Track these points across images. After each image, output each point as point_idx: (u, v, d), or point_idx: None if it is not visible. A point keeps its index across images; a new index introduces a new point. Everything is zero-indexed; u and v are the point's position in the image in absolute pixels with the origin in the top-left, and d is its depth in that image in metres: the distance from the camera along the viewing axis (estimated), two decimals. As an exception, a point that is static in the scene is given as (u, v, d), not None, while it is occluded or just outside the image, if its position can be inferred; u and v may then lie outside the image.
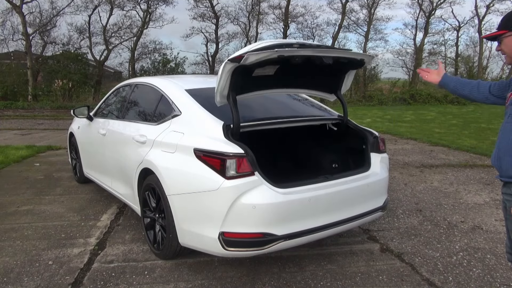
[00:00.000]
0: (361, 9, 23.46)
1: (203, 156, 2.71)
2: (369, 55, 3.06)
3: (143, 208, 3.40)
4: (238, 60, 2.56)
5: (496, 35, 1.98)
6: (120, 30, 21.71)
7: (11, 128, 11.24)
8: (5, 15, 19.79)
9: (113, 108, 4.55)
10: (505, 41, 1.96)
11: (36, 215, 4.20)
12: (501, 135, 1.99)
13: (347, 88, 3.45)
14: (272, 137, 3.87)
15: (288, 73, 3.06)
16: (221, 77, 2.71)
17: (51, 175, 5.88)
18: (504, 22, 1.96)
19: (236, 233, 2.60)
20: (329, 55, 2.74)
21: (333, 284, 2.87)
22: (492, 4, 22.61)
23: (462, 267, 3.12)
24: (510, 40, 1.94)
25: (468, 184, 5.45)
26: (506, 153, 1.95)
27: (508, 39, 1.94)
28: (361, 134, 3.37)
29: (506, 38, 1.95)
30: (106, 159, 4.20)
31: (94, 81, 20.38)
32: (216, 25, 22.70)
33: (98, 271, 3.03)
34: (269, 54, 2.52)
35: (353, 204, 2.99)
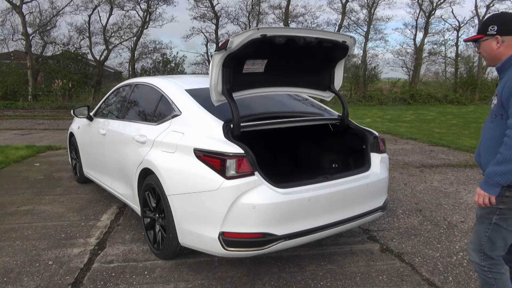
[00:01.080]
0: (361, 9, 23.47)
1: (203, 156, 2.71)
2: (350, 36, 3.09)
3: (143, 208, 3.40)
4: (224, 47, 2.64)
5: (476, 39, 2.10)
6: (120, 30, 21.73)
7: (11, 128, 11.24)
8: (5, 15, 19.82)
9: (113, 108, 4.55)
10: (482, 45, 2.09)
11: (36, 215, 4.20)
12: (482, 134, 2.12)
13: (339, 83, 3.46)
14: (272, 137, 3.88)
15: (278, 70, 3.09)
16: (212, 71, 2.78)
17: (51, 175, 5.88)
18: (481, 27, 2.08)
19: (236, 233, 2.60)
20: (310, 35, 2.82)
21: (333, 284, 2.87)
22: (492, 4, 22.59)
23: (462, 267, 3.12)
24: (486, 44, 2.06)
25: (468, 184, 5.45)
26: (484, 150, 2.08)
27: (485, 43, 2.07)
28: (361, 134, 3.37)
29: (483, 42, 2.08)
30: (106, 159, 4.20)
31: (94, 81, 20.39)
32: (216, 25, 22.70)
33: (98, 271, 3.03)
34: (252, 33, 2.61)
35: (353, 204, 2.99)
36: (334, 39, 2.98)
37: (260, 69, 3.01)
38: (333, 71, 3.39)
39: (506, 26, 2.01)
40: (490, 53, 2.07)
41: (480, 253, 2.12)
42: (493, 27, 2.02)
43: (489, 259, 2.10)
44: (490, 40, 2.04)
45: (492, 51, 2.05)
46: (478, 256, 2.13)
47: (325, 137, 3.77)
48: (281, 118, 3.22)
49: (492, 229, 2.05)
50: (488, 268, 2.10)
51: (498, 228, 2.04)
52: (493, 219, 2.04)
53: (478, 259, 2.13)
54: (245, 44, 2.63)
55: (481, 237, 2.10)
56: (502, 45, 2.01)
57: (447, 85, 24.32)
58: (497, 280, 2.10)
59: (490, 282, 2.11)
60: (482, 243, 2.10)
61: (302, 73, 3.31)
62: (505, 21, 2.02)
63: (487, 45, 2.06)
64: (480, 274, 2.16)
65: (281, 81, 3.28)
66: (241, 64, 2.89)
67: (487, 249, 2.09)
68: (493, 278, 2.10)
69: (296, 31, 2.84)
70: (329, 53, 3.14)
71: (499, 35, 2.01)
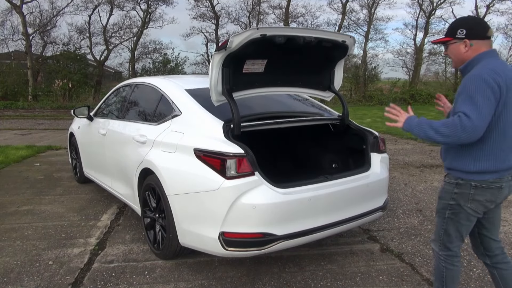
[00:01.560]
0: (361, 9, 23.49)
1: (203, 156, 2.71)
2: (350, 36, 3.09)
3: (143, 208, 3.40)
4: (224, 46, 2.64)
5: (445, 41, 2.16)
6: (120, 30, 21.76)
7: (11, 128, 11.24)
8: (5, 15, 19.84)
9: (113, 108, 4.55)
10: (450, 47, 2.15)
11: (36, 215, 4.21)
12: None
13: (339, 83, 3.46)
14: (272, 137, 3.88)
15: (278, 70, 3.10)
16: (212, 71, 2.78)
17: (51, 175, 5.88)
18: (450, 30, 2.14)
19: (236, 233, 2.60)
20: (310, 35, 2.82)
21: (333, 284, 2.87)
22: (492, 4, 22.60)
23: (462, 267, 3.11)
24: (454, 47, 2.13)
25: (468, 184, 5.44)
26: (445, 149, 2.22)
27: (452, 46, 2.13)
28: (361, 134, 3.37)
29: (451, 45, 2.14)
30: (106, 159, 4.20)
31: (94, 81, 20.40)
32: (216, 25, 22.71)
33: (98, 271, 3.03)
34: (252, 33, 2.61)
35: (353, 204, 2.99)
36: (333, 39, 2.99)
37: (260, 69, 3.01)
38: (333, 71, 3.39)
39: (475, 31, 2.07)
40: (457, 56, 2.14)
41: (439, 244, 2.27)
42: (462, 31, 2.08)
43: (447, 250, 2.24)
44: (459, 43, 2.10)
45: (460, 54, 2.12)
46: (438, 246, 2.28)
47: (325, 137, 3.77)
48: (281, 118, 3.22)
49: (446, 222, 2.20)
50: (443, 258, 2.26)
51: (451, 221, 2.18)
52: (447, 214, 2.19)
53: (437, 248, 2.28)
54: (245, 44, 2.64)
55: (439, 230, 2.25)
56: (470, 48, 2.08)
57: (447, 85, 24.31)
58: (448, 271, 2.25)
59: (442, 270, 2.27)
60: (440, 234, 2.25)
61: (302, 73, 3.31)
62: (474, 26, 2.09)
63: (455, 48, 2.12)
64: (435, 260, 2.31)
65: (281, 81, 3.28)
66: (241, 64, 2.89)
67: (445, 241, 2.23)
68: (445, 267, 2.26)
69: (296, 30, 2.84)
70: (329, 53, 3.14)
71: (468, 39, 2.07)
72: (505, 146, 2.05)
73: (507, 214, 4.29)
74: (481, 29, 2.09)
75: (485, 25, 2.12)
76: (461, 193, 2.11)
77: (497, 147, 2.03)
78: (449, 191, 2.15)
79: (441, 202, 2.21)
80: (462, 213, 2.13)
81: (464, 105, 1.94)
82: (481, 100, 1.91)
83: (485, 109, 1.91)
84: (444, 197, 2.19)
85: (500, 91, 1.94)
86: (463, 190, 2.10)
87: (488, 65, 1.99)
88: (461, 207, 2.12)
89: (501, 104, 1.97)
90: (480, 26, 2.11)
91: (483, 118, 1.91)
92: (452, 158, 2.15)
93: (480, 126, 1.91)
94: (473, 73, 1.99)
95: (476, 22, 2.16)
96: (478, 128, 1.91)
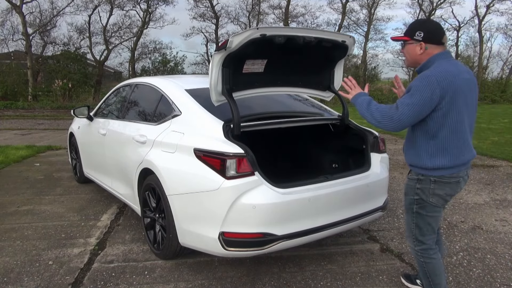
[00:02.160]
0: (361, 9, 23.52)
1: (203, 156, 2.71)
2: (350, 36, 3.09)
3: (143, 208, 3.40)
4: (223, 46, 2.64)
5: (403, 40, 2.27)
6: (120, 30, 21.77)
7: (11, 128, 11.24)
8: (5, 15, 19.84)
9: (113, 108, 4.55)
10: (407, 47, 2.26)
11: (36, 215, 4.21)
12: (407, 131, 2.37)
13: (339, 83, 3.46)
14: (272, 137, 3.88)
15: (278, 70, 3.10)
16: (212, 71, 2.78)
17: (51, 175, 5.88)
18: (409, 30, 2.24)
19: (236, 233, 2.60)
20: (310, 35, 2.83)
21: (333, 284, 2.87)
22: (492, 4, 22.61)
23: (462, 267, 3.12)
24: (411, 47, 2.23)
25: (468, 184, 5.45)
26: (406, 145, 2.36)
27: (409, 46, 2.24)
28: (361, 134, 3.37)
29: (408, 45, 2.25)
30: (106, 159, 4.20)
31: (94, 81, 20.40)
32: (216, 25, 22.72)
33: (98, 271, 3.03)
34: (252, 32, 2.61)
35: (353, 204, 2.99)
36: (333, 39, 2.99)
37: (260, 69, 3.01)
38: (333, 71, 3.39)
39: (432, 36, 2.18)
40: (412, 56, 2.25)
41: (413, 239, 2.39)
42: (420, 33, 2.18)
43: (421, 244, 2.36)
44: (415, 44, 2.20)
45: (415, 55, 2.23)
46: (412, 242, 2.40)
47: (325, 137, 3.77)
48: (281, 118, 3.22)
49: (416, 217, 2.32)
50: (420, 253, 2.38)
51: (420, 215, 2.31)
52: (414, 209, 2.31)
53: (413, 244, 2.40)
54: (244, 44, 2.63)
55: (410, 225, 2.38)
56: (424, 51, 2.20)
57: (447, 85, 24.28)
58: (428, 264, 2.37)
59: (422, 265, 2.40)
60: (412, 230, 2.38)
61: (302, 73, 3.31)
62: (432, 31, 2.19)
63: (412, 48, 2.23)
64: (415, 257, 2.44)
65: (281, 81, 3.28)
66: (241, 64, 2.89)
67: (418, 235, 2.35)
68: (424, 262, 2.38)
69: (296, 30, 2.84)
70: (329, 53, 3.14)
71: (424, 42, 2.18)
72: (459, 143, 2.18)
73: (507, 214, 4.30)
74: (438, 35, 2.20)
75: (441, 31, 2.23)
76: (423, 188, 2.24)
77: (450, 144, 2.16)
78: (412, 186, 2.28)
79: (407, 198, 2.33)
80: (428, 206, 2.26)
81: (404, 98, 2.10)
82: (418, 99, 2.05)
83: (417, 107, 2.05)
84: (409, 193, 2.32)
85: (442, 92, 2.05)
86: (424, 185, 2.23)
87: (439, 67, 2.11)
88: (424, 200, 2.26)
89: (447, 103, 2.08)
90: (437, 32, 2.21)
91: (411, 114, 2.06)
92: (411, 154, 2.28)
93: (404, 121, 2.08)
94: (424, 73, 2.12)
95: (434, 27, 2.25)
96: (403, 123, 2.09)
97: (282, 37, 2.71)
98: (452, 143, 2.17)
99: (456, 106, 2.11)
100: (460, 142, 2.19)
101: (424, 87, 2.05)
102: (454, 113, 2.12)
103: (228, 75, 2.82)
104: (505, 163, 6.79)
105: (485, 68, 24.39)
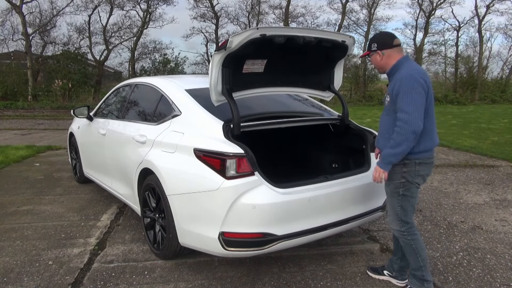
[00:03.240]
0: (361, 9, 23.50)
1: (203, 156, 2.71)
2: (350, 36, 3.10)
3: (143, 208, 3.40)
4: (223, 46, 2.65)
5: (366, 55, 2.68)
6: (120, 30, 21.73)
7: (11, 128, 11.24)
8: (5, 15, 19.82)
9: (113, 108, 4.55)
10: (371, 59, 2.69)
11: (36, 215, 4.21)
12: (380, 124, 2.69)
13: (339, 83, 3.46)
14: (272, 137, 3.88)
15: (278, 70, 3.10)
16: (212, 71, 2.79)
17: (51, 175, 5.88)
18: (368, 45, 2.69)
19: (236, 233, 2.60)
20: (310, 35, 2.85)
21: (333, 284, 2.87)
22: (492, 4, 22.60)
23: (462, 267, 3.12)
24: (372, 58, 2.67)
25: (468, 184, 5.45)
26: (381, 137, 2.66)
27: (372, 58, 2.67)
28: (361, 134, 3.37)
29: (371, 57, 2.68)
30: (106, 159, 4.20)
31: (94, 81, 20.39)
32: (216, 25, 22.71)
33: (98, 271, 3.03)
34: (252, 33, 2.62)
35: (353, 204, 2.99)
36: (333, 39, 2.99)
37: (260, 69, 3.01)
38: (333, 71, 3.39)
39: (382, 43, 2.60)
40: (377, 64, 2.67)
41: (399, 221, 2.61)
42: (374, 45, 2.62)
43: (406, 224, 2.60)
44: (375, 54, 2.63)
45: (378, 62, 2.65)
46: (398, 224, 2.62)
47: (325, 137, 3.77)
48: (281, 118, 3.22)
49: (401, 199, 2.57)
50: (407, 232, 2.61)
51: (405, 197, 2.56)
52: (400, 192, 2.56)
53: (398, 226, 2.62)
54: (244, 44, 2.63)
55: (395, 208, 2.61)
56: (383, 57, 2.60)
57: (447, 85, 24.32)
58: (415, 241, 2.61)
59: (410, 243, 2.61)
60: (397, 212, 2.60)
61: (302, 73, 3.31)
62: (381, 39, 2.64)
63: (374, 58, 2.66)
64: (401, 239, 2.65)
65: (281, 81, 3.28)
66: (241, 64, 2.89)
67: (403, 216, 2.59)
68: (411, 239, 2.61)
69: (296, 30, 2.85)
70: (329, 53, 3.14)
71: (379, 50, 2.60)
72: (434, 127, 2.55)
73: (507, 214, 4.30)
74: (388, 40, 2.61)
75: (390, 36, 2.63)
76: (409, 171, 2.51)
77: (430, 129, 2.49)
78: (398, 171, 2.53)
79: (392, 183, 2.57)
80: (412, 188, 2.55)
81: (403, 102, 2.39)
82: (415, 96, 2.37)
83: (419, 101, 2.38)
84: (394, 177, 2.55)
85: (427, 85, 2.42)
86: (410, 168, 2.51)
87: (412, 66, 2.50)
88: (410, 182, 2.53)
89: (429, 96, 2.45)
90: (386, 38, 2.63)
91: (418, 109, 2.37)
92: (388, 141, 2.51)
93: (418, 117, 2.37)
94: (403, 74, 2.43)
95: (382, 36, 2.70)
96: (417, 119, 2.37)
97: (282, 37, 2.71)
98: (431, 128, 2.50)
99: (431, 96, 2.48)
100: (433, 127, 2.54)
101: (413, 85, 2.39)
102: (430, 103, 2.48)
103: (228, 75, 2.83)
104: (505, 163, 6.79)
105: (485, 68, 24.39)
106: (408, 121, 2.36)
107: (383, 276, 2.91)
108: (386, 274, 2.91)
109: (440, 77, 25.64)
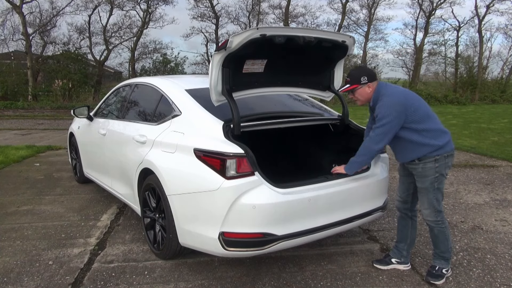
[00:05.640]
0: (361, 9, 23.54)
1: (203, 156, 2.71)
2: (350, 36, 3.10)
3: (143, 208, 3.40)
4: (223, 46, 2.65)
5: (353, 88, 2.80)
6: (120, 30, 21.73)
7: (11, 128, 11.24)
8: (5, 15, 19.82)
9: (113, 108, 4.55)
10: (358, 92, 2.82)
11: (36, 215, 4.21)
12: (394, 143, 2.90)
13: (339, 83, 3.46)
14: (272, 137, 3.88)
15: (278, 70, 3.10)
16: (212, 71, 2.78)
17: (51, 175, 5.88)
18: (355, 79, 2.80)
19: (236, 233, 2.60)
20: (310, 35, 2.85)
21: (333, 284, 2.87)
22: (492, 4, 22.60)
23: (462, 267, 3.12)
24: (360, 90, 2.81)
25: (468, 184, 5.45)
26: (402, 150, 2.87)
27: (359, 90, 2.81)
28: (361, 134, 3.36)
29: (358, 90, 2.81)
30: (106, 159, 4.20)
31: (94, 81, 20.39)
32: (216, 25, 22.71)
33: (98, 271, 3.03)
34: (252, 33, 2.62)
35: (353, 204, 2.99)
36: (333, 39, 2.99)
37: (260, 69, 3.01)
38: (333, 71, 3.39)
39: (372, 75, 2.81)
40: (365, 96, 2.82)
41: (435, 212, 2.82)
42: (364, 78, 2.77)
43: (439, 213, 2.83)
44: (364, 87, 2.78)
45: (366, 94, 2.81)
46: (434, 214, 2.82)
47: (325, 137, 3.77)
48: (281, 118, 3.22)
49: (436, 192, 2.80)
50: (441, 220, 2.84)
51: (439, 190, 2.80)
52: (436, 185, 2.77)
53: (434, 217, 2.83)
54: (244, 44, 2.63)
55: (432, 201, 2.81)
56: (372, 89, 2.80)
57: (447, 85, 24.31)
58: (447, 227, 2.88)
59: (443, 230, 2.85)
60: (433, 204, 2.81)
61: (302, 73, 3.31)
62: (370, 73, 2.83)
63: (362, 91, 2.80)
64: (435, 228, 2.85)
65: (281, 81, 3.28)
66: (241, 64, 2.89)
67: (437, 206, 2.82)
68: (445, 226, 2.86)
69: (296, 30, 2.85)
70: (329, 53, 3.14)
71: (370, 82, 2.78)
72: (440, 124, 2.81)
73: (507, 214, 4.30)
74: (374, 74, 2.85)
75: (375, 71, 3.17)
76: (440, 165, 2.74)
77: (437, 128, 2.76)
78: (432, 168, 2.74)
79: (427, 180, 2.77)
80: (443, 179, 2.81)
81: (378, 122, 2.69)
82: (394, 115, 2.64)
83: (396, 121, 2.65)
84: (428, 175, 2.75)
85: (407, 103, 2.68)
86: (441, 162, 2.74)
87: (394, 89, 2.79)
88: (442, 175, 2.77)
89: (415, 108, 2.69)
90: (373, 72, 2.90)
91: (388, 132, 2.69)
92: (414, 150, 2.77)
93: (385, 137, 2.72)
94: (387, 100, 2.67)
95: (370, 70, 2.99)
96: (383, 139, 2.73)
97: (282, 37, 2.71)
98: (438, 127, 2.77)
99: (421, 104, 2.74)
100: (440, 124, 2.80)
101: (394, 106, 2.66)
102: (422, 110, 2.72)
103: (228, 75, 2.83)
104: (505, 163, 6.79)
105: (485, 68, 24.38)
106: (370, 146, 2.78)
107: (392, 265, 3.07)
108: (394, 262, 3.08)
109: (440, 77, 25.66)
